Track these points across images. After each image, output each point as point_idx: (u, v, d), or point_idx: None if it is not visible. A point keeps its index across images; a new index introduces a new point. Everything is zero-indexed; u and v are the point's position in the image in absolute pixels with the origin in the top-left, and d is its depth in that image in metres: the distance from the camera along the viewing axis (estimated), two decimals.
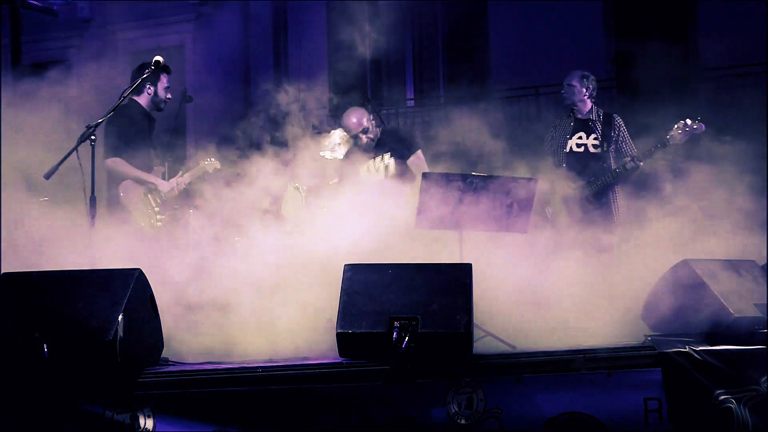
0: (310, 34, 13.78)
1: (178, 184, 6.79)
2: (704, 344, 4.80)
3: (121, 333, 4.52)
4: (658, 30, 11.85)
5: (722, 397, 4.68)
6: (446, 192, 5.85)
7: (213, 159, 7.03)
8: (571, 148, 7.14)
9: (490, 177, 6.00)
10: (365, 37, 9.13)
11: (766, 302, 5.04)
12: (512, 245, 6.09)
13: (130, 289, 4.68)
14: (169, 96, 6.85)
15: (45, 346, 4.44)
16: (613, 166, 7.05)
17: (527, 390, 4.63)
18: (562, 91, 7.29)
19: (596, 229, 6.61)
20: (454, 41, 13.68)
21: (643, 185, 7.01)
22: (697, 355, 4.72)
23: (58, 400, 4.51)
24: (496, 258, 5.89)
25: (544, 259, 6.14)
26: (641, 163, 6.92)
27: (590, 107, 7.20)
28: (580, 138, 7.14)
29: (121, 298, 4.62)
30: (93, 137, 5.68)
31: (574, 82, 7.18)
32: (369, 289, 4.81)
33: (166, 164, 6.97)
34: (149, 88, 6.70)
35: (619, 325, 5.61)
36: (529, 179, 6.03)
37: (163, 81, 6.77)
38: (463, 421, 4.59)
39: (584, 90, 7.16)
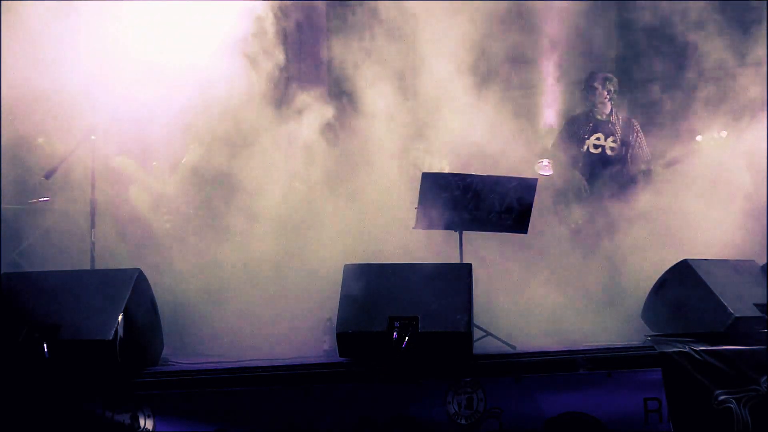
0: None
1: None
2: (704, 344, 4.80)
3: (121, 333, 4.52)
4: None
5: (722, 397, 4.68)
6: (446, 192, 5.83)
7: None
8: (588, 148, 7.02)
9: (490, 177, 5.98)
10: None
11: (766, 302, 5.04)
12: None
13: (130, 289, 4.68)
14: None
15: (45, 346, 4.44)
16: (631, 171, 6.94)
17: (527, 390, 4.63)
18: (583, 92, 7.12)
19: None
20: None
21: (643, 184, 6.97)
22: (697, 355, 4.72)
23: (58, 400, 4.51)
24: (496, 258, 5.90)
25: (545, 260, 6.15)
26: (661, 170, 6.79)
27: (610, 109, 7.09)
28: (598, 139, 6.98)
29: (121, 298, 4.63)
30: (93, 136, 5.69)
31: (596, 84, 7.03)
32: (369, 289, 4.81)
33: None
34: None
35: (619, 325, 5.62)
36: (529, 179, 6.00)
37: None
38: (463, 421, 4.58)
39: (606, 93, 7.05)
